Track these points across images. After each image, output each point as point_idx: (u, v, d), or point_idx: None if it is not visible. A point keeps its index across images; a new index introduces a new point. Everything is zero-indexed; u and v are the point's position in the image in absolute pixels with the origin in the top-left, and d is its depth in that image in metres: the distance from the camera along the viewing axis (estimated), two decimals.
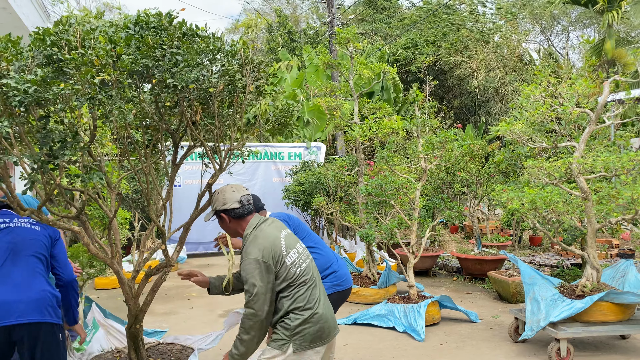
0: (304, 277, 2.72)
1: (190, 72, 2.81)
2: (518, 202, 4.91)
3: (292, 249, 2.76)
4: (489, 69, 18.63)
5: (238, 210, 2.86)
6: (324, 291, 2.85)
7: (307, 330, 2.64)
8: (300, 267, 2.74)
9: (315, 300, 2.71)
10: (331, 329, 2.74)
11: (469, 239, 11.83)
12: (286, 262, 2.68)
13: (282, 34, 23.11)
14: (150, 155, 3.33)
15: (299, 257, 2.77)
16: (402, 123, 6.33)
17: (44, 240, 2.99)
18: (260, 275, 2.60)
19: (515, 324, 5.14)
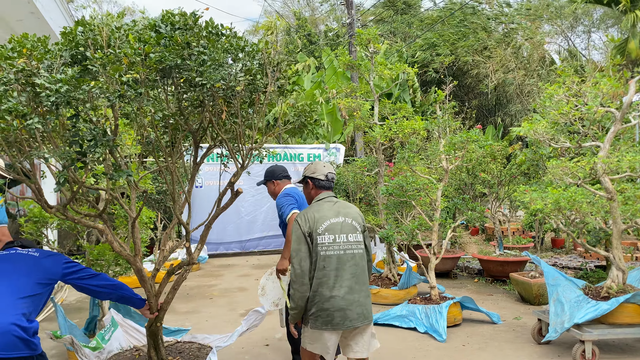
0: (325, 261, 3.02)
1: (217, 71, 2.80)
2: (541, 203, 4.86)
3: (331, 234, 3.07)
4: (509, 70, 18.45)
5: (322, 182, 3.33)
6: (346, 284, 3.02)
7: (318, 313, 2.99)
8: (327, 252, 3.03)
9: (331, 287, 2.99)
10: (346, 318, 2.97)
11: (490, 240, 11.73)
12: (317, 240, 3.03)
13: (301, 36, 23.21)
14: (173, 154, 3.35)
15: (333, 244, 3.05)
16: (423, 123, 6.32)
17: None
18: (297, 238, 3.06)
19: (539, 325, 5.09)
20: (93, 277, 3.00)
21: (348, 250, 3.08)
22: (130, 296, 3.15)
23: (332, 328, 2.98)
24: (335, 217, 3.13)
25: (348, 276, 3.03)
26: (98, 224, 3.07)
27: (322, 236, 3.05)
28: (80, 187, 2.83)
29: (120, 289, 3.09)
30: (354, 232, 3.14)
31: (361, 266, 3.12)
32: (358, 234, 3.17)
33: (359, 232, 3.19)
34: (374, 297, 6.74)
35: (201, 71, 2.79)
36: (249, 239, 11.40)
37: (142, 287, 3.34)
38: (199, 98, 3.04)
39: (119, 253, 3.14)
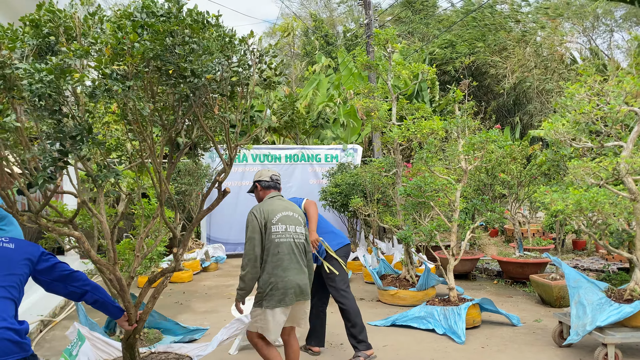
0: (280, 247, 3.55)
1: (208, 61, 2.60)
2: (562, 203, 4.79)
3: (283, 225, 3.62)
4: (528, 70, 18.23)
5: (268, 182, 3.91)
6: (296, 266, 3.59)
7: (273, 292, 3.48)
8: (280, 239, 3.57)
9: (285, 269, 3.52)
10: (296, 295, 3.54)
11: (510, 242, 11.61)
12: (272, 229, 3.57)
13: (318, 37, 23.24)
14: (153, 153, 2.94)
15: (285, 232, 3.61)
16: (441, 123, 6.27)
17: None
18: (253, 228, 3.56)
19: (560, 328, 5.02)
20: (69, 274, 2.67)
21: (296, 239, 3.66)
22: (107, 302, 2.85)
23: (285, 304, 3.50)
24: (285, 211, 3.69)
25: (296, 260, 3.60)
26: (73, 231, 2.80)
27: (275, 226, 3.59)
28: (54, 192, 2.62)
29: (97, 291, 2.78)
30: (299, 225, 3.73)
31: (305, 252, 3.72)
32: (302, 227, 3.75)
33: (302, 225, 3.77)
34: (392, 298, 6.72)
35: (191, 60, 2.56)
36: None
37: (121, 298, 3.09)
38: (184, 92, 2.76)
39: (96, 262, 2.90)
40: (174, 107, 2.88)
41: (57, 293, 2.70)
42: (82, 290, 2.72)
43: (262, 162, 11.66)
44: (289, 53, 17.75)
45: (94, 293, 2.77)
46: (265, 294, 3.52)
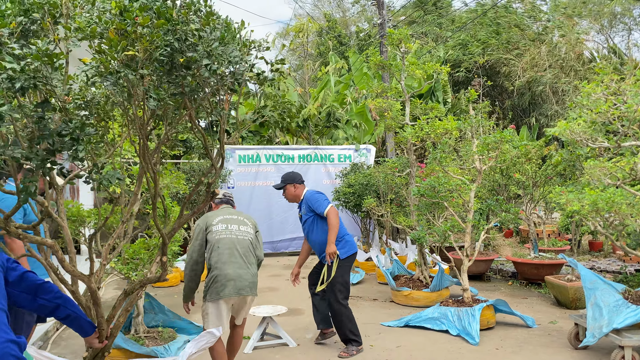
0: (220, 243, 3.82)
1: (225, 53, 2.40)
2: (578, 204, 4.74)
3: (223, 224, 3.93)
4: (544, 69, 18.05)
5: (220, 199, 4.32)
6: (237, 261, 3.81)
7: (213, 285, 3.73)
8: (220, 236, 3.86)
9: (224, 263, 3.76)
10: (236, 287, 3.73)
11: (525, 243, 11.50)
12: (212, 229, 3.89)
13: (332, 38, 23.24)
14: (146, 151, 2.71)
15: (225, 230, 3.90)
16: (455, 123, 6.24)
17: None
18: (196, 234, 3.94)
19: (575, 330, 4.96)
20: (39, 285, 2.30)
21: (240, 235, 3.91)
22: (80, 317, 2.52)
23: (226, 296, 3.72)
24: (228, 215, 4.04)
25: (238, 255, 3.82)
26: (47, 240, 2.55)
27: (215, 226, 3.91)
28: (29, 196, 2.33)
29: (70, 305, 2.45)
30: (244, 225, 4.01)
31: (250, 250, 3.93)
32: (248, 227, 4.03)
33: (249, 227, 4.05)
34: (406, 298, 6.70)
35: (209, 52, 2.35)
36: (280, 239, 11.47)
37: (94, 312, 2.83)
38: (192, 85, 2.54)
39: (71, 273, 2.67)
40: (179, 102, 2.68)
41: (24, 307, 2.32)
42: (54, 303, 2.36)
43: (276, 162, 11.69)
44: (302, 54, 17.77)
45: (67, 307, 2.43)
46: (208, 287, 3.81)
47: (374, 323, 5.91)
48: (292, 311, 6.50)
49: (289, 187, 5.18)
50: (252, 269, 3.91)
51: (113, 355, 4.44)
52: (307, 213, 5.16)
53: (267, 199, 11.39)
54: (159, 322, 5.21)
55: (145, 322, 5.09)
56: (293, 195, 5.23)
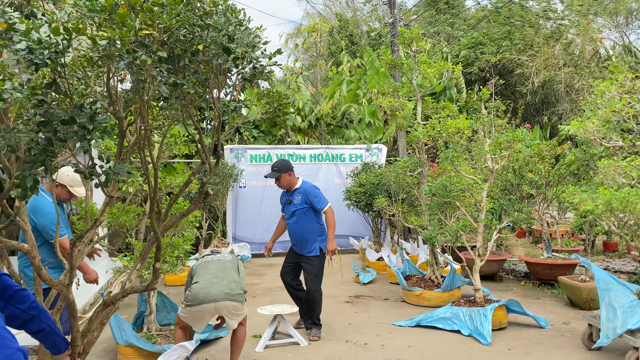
0: (204, 264, 4.25)
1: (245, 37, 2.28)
2: (592, 204, 4.69)
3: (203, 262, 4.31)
4: (558, 67, 17.88)
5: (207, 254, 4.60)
6: (219, 273, 4.13)
7: (188, 294, 4.06)
8: (205, 261, 4.30)
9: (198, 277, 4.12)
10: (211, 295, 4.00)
11: (537, 243, 11.41)
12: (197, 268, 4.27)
13: (343, 37, 23.22)
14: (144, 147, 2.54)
15: (211, 258, 4.34)
16: (467, 122, 6.21)
17: None
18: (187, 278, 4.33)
19: (589, 330, 4.92)
20: (15, 291, 2.06)
21: (220, 259, 4.31)
22: (55, 331, 2.27)
23: (196, 304, 4.03)
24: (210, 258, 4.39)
25: (218, 271, 4.15)
26: (23, 245, 2.38)
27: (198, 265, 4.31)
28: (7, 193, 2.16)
29: (45, 318, 2.20)
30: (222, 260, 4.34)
31: (226, 267, 4.24)
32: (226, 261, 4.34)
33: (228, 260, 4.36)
34: (417, 298, 6.68)
35: (229, 36, 2.23)
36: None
37: (70, 325, 2.64)
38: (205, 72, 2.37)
39: (48, 283, 2.47)
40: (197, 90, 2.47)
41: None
42: (28, 315, 2.11)
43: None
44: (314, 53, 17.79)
45: (42, 320, 2.17)
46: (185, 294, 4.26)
47: (385, 323, 5.90)
48: None
49: (284, 175, 5.37)
50: (228, 283, 4.12)
51: (126, 353, 4.49)
52: (301, 204, 5.40)
53: (279, 199, 11.40)
54: (171, 321, 5.26)
55: (158, 321, 5.14)
56: (288, 182, 5.44)
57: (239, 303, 4.13)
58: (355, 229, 11.68)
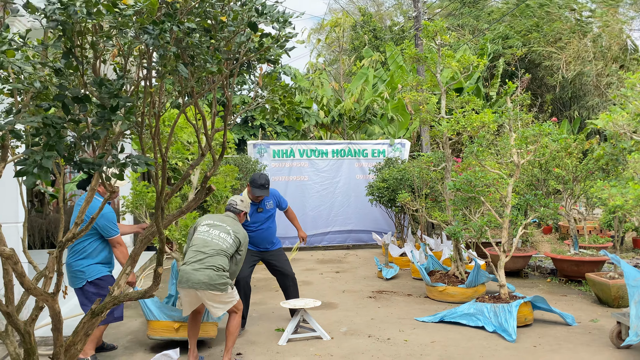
0: (195, 241, 4.33)
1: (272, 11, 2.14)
2: (621, 199, 4.59)
3: (207, 227, 4.41)
4: (586, 61, 17.48)
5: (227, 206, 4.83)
6: (206, 258, 4.18)
7: (179, 274, 4.20)
8: (198, 236, 4.35)
9: (188, 258, 4.23)
10: (191, 282, 4.11)
11: (564, 239, 11.20)
12: (198, 229, 4.44)
13: (367, 32, 23.09)
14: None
15: (205, 233, 4.36)
16: (493, 116, 6.12)
17: None
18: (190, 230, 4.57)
19: (618, 328, 4.81)
20: None
21: (214, 239, 4.30)
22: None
23: (180, 286, 4.20)
24: (218, 222, 4.48)
25: (202, 255, 4.19)
26: (4, 248, 2.16)
27: (201, 226, 4.44)
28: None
29: None
30: (224, 232, 4.38)
31: (219, 254, 4.23)
32: (227, 236, 4.37)
33: (230, 236, 4.39)
34: (440, 294, 6.63)
35: (257, 9, 2.09)
36: (314, 234, 11.50)
37: (53, 337, 2.51)
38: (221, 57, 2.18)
39: (32, 292, 2.28)
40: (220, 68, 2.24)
41: None
42: None
43: (309, 157, 11.71)
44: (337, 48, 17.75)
45: None
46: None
47: (408, 318, 5.88)
48: (326, 305, 6.52)
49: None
50: (217, 271, 4.17)
51: (156, 327, 4.74)
52: (274, 207, 5.74)
53: (301, 194, 11.45)
54: None
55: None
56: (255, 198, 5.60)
57: (220, 291, 4.17)
58: (377, 225, 11.64)
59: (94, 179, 2.32)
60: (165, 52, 1.86)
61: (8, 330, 2.41)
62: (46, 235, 10.60)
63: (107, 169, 1.96)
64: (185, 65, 1.98)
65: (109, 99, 1.79)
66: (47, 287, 2.36)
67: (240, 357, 4.69)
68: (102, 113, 1.77)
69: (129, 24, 1.77)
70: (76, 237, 2.34)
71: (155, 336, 4.78)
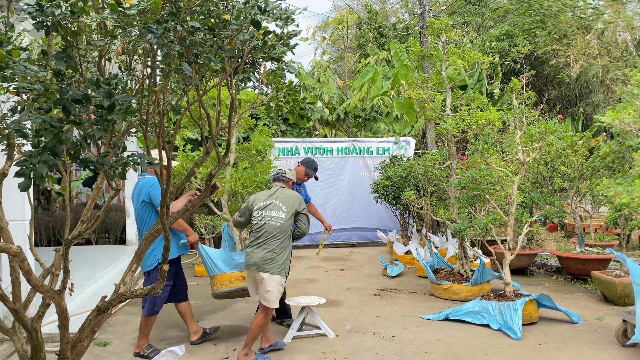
0: (255, 225, 4.61)
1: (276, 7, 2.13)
2: (627, 197, 4.57)
3: (261, 211, 4.62)
4: (592, 57, 17.37)
5: (273, 176, 5.09)
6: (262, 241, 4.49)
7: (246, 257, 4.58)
8: (257, 218, 4.61)
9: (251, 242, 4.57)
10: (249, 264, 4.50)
11: (570, 237, 11.16)
12: (253, 214, 4.67)
13: (372, 29, 23.05)
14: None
15: (260, 214, 4.60)
16: (498, 114, 6.10)
17: None
18: (243, 206, 4.83)
19: (624, 326, 4.80)
20: None
21: (270, 221, 4.55)
22: None
23: (245, 268, 4.58)
24: (267, 201, 4.66)
25: (263, 239, 4.50)
26: (10, 246, 2.17)
27: (256, 211, 4.65)
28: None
29: None
30: (275, 210, 4.59)
31: (274, 234, 4.51)
32: (278, 212, 4.58)
33: (282, 211, 4.59)
34: (445, 292, 6.63)
35: (259, 6, 2.09)
36: (319, 231, 11.50)
37: (60, 335, 2.51)
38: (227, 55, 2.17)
39: (39, 289, 2.26)
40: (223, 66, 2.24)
41: None
42: None
43: (314, 154, 11.72)
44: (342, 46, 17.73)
45: None
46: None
47: (413, 316, 5.88)
48: (331, 302, 6.53)
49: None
50: (270, 250, 4.48)
51: (222, 280, 4.97)
52: (304, 195, 6.07)
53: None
54: None
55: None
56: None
57: (267, 273, 4.43)
58: (382, 222, 11.65)
59: (99, 177, 2.32)
60: (169, 51, 1.86)
61: (15, 327, 2.43)
62: (52, 233, 10.66)
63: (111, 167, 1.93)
64: (190, 64, 1.98)
65: (105, 98, 1.78)
66: (53, 284, 2.37)
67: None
68: (100, 113, 1.77)
69: (133, 23, 1.76)
70: (82, 235, 2.33)
71: (223, 289, 4.98)
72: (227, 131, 4.46)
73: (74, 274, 6.80)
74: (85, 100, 1.75)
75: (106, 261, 8.09)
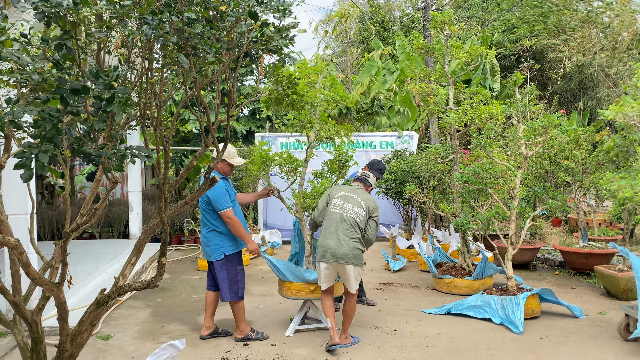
0: (328, 216, 4.65)
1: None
2: (631, 191, 4.55)
3: (341, 200, 4.66)
4: (594, 51, 17.27)
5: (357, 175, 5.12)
6: (336, 231, 4.53)
7: (319, 249, 4.61)
8: (334, 210, 4.63)
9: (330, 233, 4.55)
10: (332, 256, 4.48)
11: (573, 232, 11.14)
12: (332, 201, 4.71)
13: (375, 23, 22.97)
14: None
15: (339, 206, 4.62)
16: (501, 108, 6.07)
17: None
18: (321, 198, 4.89)
19: (626, 321, 4.78)
20: None
21: (349, 214, 4.57)
22: None
23: (325, 260, 4.53)
24: (350, 193, 4.71)
25: (342, 230, 4.52)
26: (9, 238, 2.15)
27: (336, 199, 4.69)
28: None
29: None
30: (357, 206, 4.63)
31: (354, 227, 4.55)
32: (360, 209, 4.62)
33: (362, 209, 4.63)
34: (448, 286, 6.62)
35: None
36: None
37: (59, 327, 2.50)
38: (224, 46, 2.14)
39: (38, 282, 2.26)
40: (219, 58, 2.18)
41: None
42: None
43: (317, 149, 11.68)
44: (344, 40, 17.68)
45: None
46: (316, 249, 4.70)
47: (415, 310, 5.88)
48: None
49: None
50: (351, 243, 4.51)
51: (293, 289, 5.01)
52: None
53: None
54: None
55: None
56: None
57: (351, 265, 4.48)
58: (385, 217, 11.62)
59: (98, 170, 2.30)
60: (165, 43, 1.84)
61: (16, 319, 2.45)
62: (56, 227, 10.69)
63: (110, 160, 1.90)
64: (187, 56, 1.96)
65: (104, 90, 1.76)
66: (53, 277, 2.38)
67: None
68: (99, 104, 1.75)
69: (129, 14, 1.74)
70: (81, 228, 2.33)
71: (290, 296, 5.06)
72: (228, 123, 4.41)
73: (77, 268, 6.84)
74: (83, 91, 1.73)
75: (109, 255, 8.11)
